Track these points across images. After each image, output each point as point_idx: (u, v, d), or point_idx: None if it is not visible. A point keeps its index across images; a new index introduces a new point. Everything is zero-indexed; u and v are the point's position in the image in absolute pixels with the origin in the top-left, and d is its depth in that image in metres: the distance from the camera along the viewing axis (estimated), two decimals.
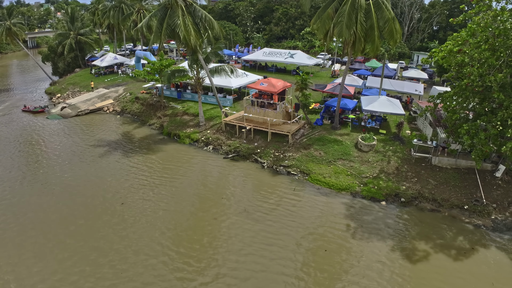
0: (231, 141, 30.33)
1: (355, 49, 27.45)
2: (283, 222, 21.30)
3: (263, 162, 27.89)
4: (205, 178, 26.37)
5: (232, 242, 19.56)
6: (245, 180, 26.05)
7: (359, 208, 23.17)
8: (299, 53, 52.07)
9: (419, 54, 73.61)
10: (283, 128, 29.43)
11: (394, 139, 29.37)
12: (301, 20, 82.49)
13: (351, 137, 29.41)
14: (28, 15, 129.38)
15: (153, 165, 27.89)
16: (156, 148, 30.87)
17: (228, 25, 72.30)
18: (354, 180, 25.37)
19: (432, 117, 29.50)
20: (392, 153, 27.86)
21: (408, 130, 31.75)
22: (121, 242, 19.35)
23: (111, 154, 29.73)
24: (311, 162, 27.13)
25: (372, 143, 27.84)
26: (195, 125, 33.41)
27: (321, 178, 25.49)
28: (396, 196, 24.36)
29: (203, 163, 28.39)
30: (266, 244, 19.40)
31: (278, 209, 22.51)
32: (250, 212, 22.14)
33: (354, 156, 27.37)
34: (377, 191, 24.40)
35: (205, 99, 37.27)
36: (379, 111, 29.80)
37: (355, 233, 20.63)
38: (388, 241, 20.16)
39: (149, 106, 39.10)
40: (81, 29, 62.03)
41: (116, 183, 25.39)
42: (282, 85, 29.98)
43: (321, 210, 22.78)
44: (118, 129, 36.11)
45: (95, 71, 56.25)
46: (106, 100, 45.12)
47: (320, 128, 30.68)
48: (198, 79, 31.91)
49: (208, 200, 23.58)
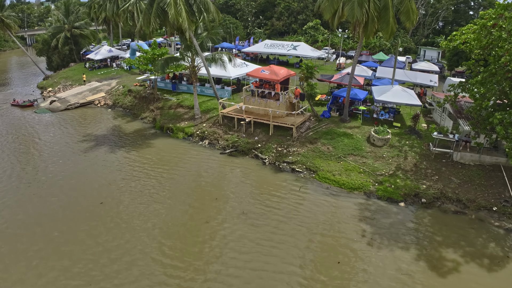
0: (228, 135, 26.95)
1: (368, 30, 24.00)
2: (287, 227, 17.91)
3: (264, 158, 24.50)
4: (199, 177, 22.95)
5: (225, 252, 16.18)
6: (244, 179, 22.66)
7: (375, 210, 19.78)
8: (302, 45, 48.67)
9: (426, 49, 70.21)
10: (286, 120, 26.02)
11: (410, 132, 25.96)
12: (303, 15, 79.04)
13: (362, 130, 25.98)
14: (28, 12, 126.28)
15: (141, 163, 24.52)
16: (146, 144, 27.49)
17: (228, 19, 68.90)
18: (368, 178, 21.97)
19: (452, 108, 26.02)
20: (409, 148, 24.45)
21: (424, 124, 28.34)
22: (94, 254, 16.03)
23: (95, 151, 26.36)
24: (319, 158, 23.72)
25: (387, 136, 24.43)
26: (190, 118, 30.03)
27: (330, 176, 22.09)
28: (416, 196, 21.04)
29: (198, 160, 24.99)
30: (266, 254, 16.02)
31: (281, 212, 19.11)
32: (249, 215, 18.75)
33: (367, 151, 23.95)
34: (394, 190, 21.03)
35: (202, 90, 33.88)
36: (393, 101, 26.37)
37: (372, 240, 17.24)
38: (412, 249, 16.83)
39: (142, 99, 35.76)
40: (76, 22, 58.85)
41: (98, 184, 22.05)
42: (286, 73, 26.58)
43: (331, 212, 19.40)
44: (107, 123, 32.78)
45: (89, 65, 52.99)
46: (97, 93, 41.82)
47: (328, 120, 27.24)
48: (193, 68, 28.52)
49: (201, 202, 20.21)
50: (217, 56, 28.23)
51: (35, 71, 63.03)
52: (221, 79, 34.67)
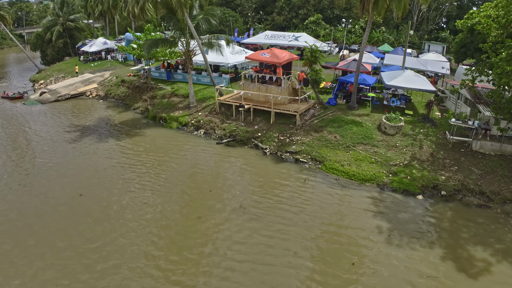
0: (226, 124, 24.45)
1: (378, 6, 21.54)
2: (291, 225, 15.44)
3: (265, 148, 22.01)
4: (193, 169, 20.42)
5: (220, 253, 13.72)
6: (243, 170, 20.16)
7: (391, 203, 17.31)
8: (305, 36, 46.16)
9: (430, 44, 67.69)
10: (289, 107, 23.52)
11: (424, 120, 23.47)
12: (304, 9, 76.42)
13: (372, 118, 23.49)
14: (27, 10, 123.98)
15: (128, 155, 22.06)
16: (137, 134, 25.00)
17: (227, 12, 66.35)
18: (381, 169, 19.48)
19: (470, 93, 23.52)
20: (424, 136, 21.98)
21: (437, 112, 25.86)
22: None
23: (80, 142, 23.90)
24: (325, 147, 21.24)
25: (400, 124, 21.94)
26: (184, 107, 27.54)
27: (339, 167, 19.60)
28: (435, 188, 18.62)
29: (192, 151, 22.47)
30: (268, 254, 13.56)
31: (285, 206, 16.63)
32: (247, 209, 16.28)
33: (378, 140, 21.46)
34: (410, 182, 18.56)
35: (198, 79, 31.36)
36: (405, 86, 23.85)
37: (390, 237, 14.77)
38: (436, 247, 14.41)
39: (135, 89, 33.25)
40: (71, 15, 56.49)
41: (78, 177, 19.59)
42: (288, 56, 24.10)
43: (342, 206, 16.90)
44: (96, 114, 30.30)
45: (83, 57, 50.54)
46: (90, 84, 39.35)
47: (334, 108, 24.72)
48: (188, 52, 26.03)
49: (194, 196, 17.72)
50: (214, 39, 25.74)
51: (31, 66, 60.80)
52: (219, 67, 32.14)
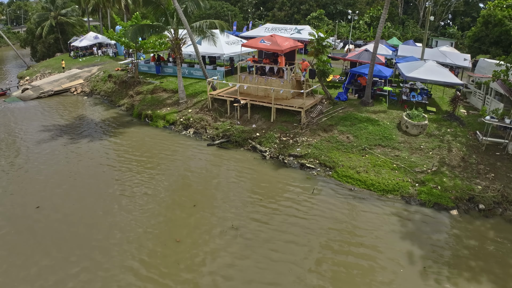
0: (219, 123, 20.77)
1: None
2: (296, 248, 11.75)
3: (264, 151, 18.32)
4: (176, 177, 16.68)
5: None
6: (237, 178, 16.44)
7: (420, 222, 13.63)
8: (307, 29, 42.37)
9: (438, 39, 63.89)
10: (293, 102, 19.79)
11: (449, 118, 19.76)
12: (306, 5, 72.74)
13: (389, 115, 19.76)
14: (25, 9, 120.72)
15: (105, 157, 18.43)
16: (116, 135, 21.29)
17: (226, 6, 62.60)
18: (405, 177, 15.78)
19: (504, 86, 19.77)
20: (452, 137, 18.26)
21: (462, 109, 22.15)
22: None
23: (44, 146, 20.29)
24: (336, 150, 17.53)
25: (423, 122, 18.24)
26: (173, 103, 23.86)
27: (354, 174, 15.89)
28: (470, 201, 15.00)
29: (178, 154, 18.74)
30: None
31: (288, 228, 12.95)
32: (240, 231, 12.62)
33: (399, 142, 17.76)
34: (441, 193, 14.89)
35: (190, 72, 27.63)
36: (428, 79, 20.13)
37: (426, 269, 11.08)
38: (484, 281, 10.73)
39: (122, 84, 29.62)
40: (63, 9, 53.02)
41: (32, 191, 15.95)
42: (291, 44, 20.42)
43: (359, 226, 13.18)
44: (77, 112, 26.67)
45: (73, 53, 46.95)
46: (75, 80, 35.77)
47: (345, 104, 20.97)
48: (176, 41, 22.35)
49: (175, 212, 14.05)
50: (206, 27, 22.04)
51: (23, 63, 57.43)
52: (215, 59, 28.35)
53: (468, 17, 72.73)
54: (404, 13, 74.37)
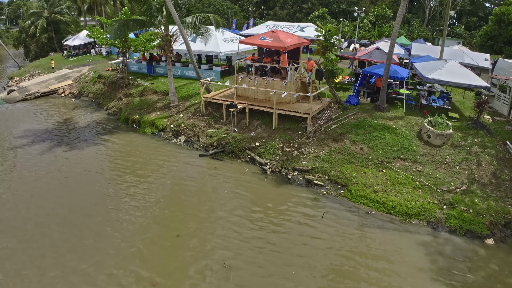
0: (213, 130, 18.10)
1: None
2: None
3: (265, 164, 15.65)
4: (159, 197, 14.01)
5: None
6: (232, 196, 13.78)
7: (452, 255, 10.99)
8: (311, 26, 39.54)
9: (445, 40, 61.21)
10: (297, 107, 17.09)
11: (475, 126, 17.06)
12: (309, 3, 69.98)
13: (407, 122, 17.06)
14: (25, 9, 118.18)
15: (82, 171, 15.81)
16: (98, 143, 18.64)
17: (226, 4, 59.90)
18: (430, 197, 13.11)
19: None
20: (480, 148, 15.58)
21: (487, 115, 19.42)
22: None
23: (23, 153, 17.70)
24: (348, 163, 14.84)
25: (448, 131, 15.55)
26: (164, 106, 21.22)
27: (370, 194, 13.21)
28: (507, 226, 12.41)
29: (165, 168, 15.98)
30: None
31: (293, 269, 10.29)
32: (234, 272, 9.95)
33: (420, 154, 15.07)
34: (474, 218, 12.25)
35: (183, 72, 24.94)
36: (451, 81, 17.45)
37: None
38: None
39: (111, 85, 27.02)
40: (57, 7, 50.58)
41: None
42: (296, 40, 17.75)
43: (380, 261, 10.52)
44: (61, 116, 24.06)
45: (66, 52, 44.41)
46: (64, 81, 33.23)
47: (356, 109, 18.24)
48: (167, 37, 19.72)
49: (156, 242, 11.40)
50: (199, 20, 19.38)
51: (14, 64, 54.98)
52: (212, 57, 25.63)
53: (475, 17, 70.04)
54: (408, 12, 71.61)
